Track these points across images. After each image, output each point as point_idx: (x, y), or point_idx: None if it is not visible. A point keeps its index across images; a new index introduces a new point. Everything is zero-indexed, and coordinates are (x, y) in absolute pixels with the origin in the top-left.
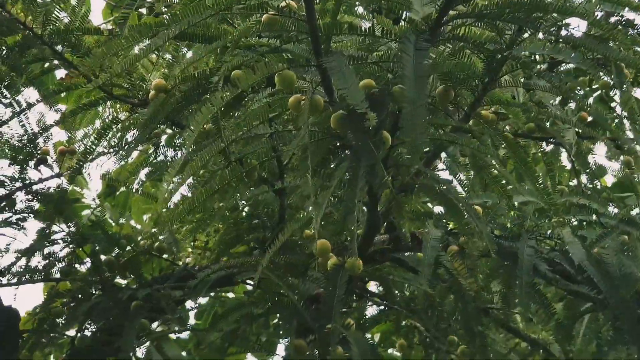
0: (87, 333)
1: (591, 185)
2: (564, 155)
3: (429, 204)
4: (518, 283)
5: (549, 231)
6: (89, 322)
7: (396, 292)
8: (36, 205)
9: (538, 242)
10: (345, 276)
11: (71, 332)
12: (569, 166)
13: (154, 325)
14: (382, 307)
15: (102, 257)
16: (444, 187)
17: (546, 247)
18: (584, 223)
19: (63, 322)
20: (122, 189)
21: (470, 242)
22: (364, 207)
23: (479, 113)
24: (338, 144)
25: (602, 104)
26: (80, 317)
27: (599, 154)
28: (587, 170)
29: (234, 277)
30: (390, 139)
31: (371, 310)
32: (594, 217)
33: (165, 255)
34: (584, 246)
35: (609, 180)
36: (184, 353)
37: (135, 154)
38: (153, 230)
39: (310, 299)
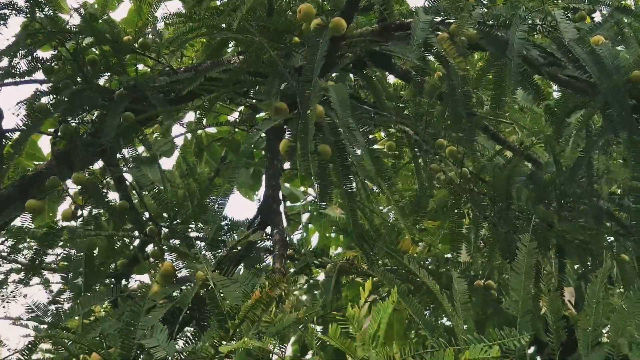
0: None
1: None
2: None
3: None
4: (508, 65)
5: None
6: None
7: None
8: None
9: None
10: (328, 35)
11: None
12: None
13: None
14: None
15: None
16: None
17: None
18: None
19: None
20: None
21: (460, 25)
22: None
23: None
24: None
25: None
26: (63, 104)
27: None
28: None
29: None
30: None
31: None
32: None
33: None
34: (576, 27)
35: None
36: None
37: None
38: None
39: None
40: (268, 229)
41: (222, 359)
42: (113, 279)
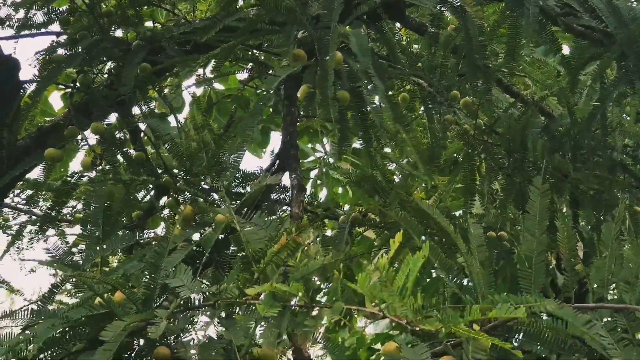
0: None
1: None
2: None
3: None
4: (525, 15)
5: None
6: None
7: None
8: None
9: None
10: None
11: None
12: None
13: None
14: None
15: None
16: None
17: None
18: None
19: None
20: None
21: None
22: None
23: None
24: None
25: None
26: (80, 56)
27: None
28: None
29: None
30: None
31: None
32: None
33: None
34: None
35: None
36: None
37: None
38: None
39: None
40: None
41: (246, 302)
42: (128, 231)
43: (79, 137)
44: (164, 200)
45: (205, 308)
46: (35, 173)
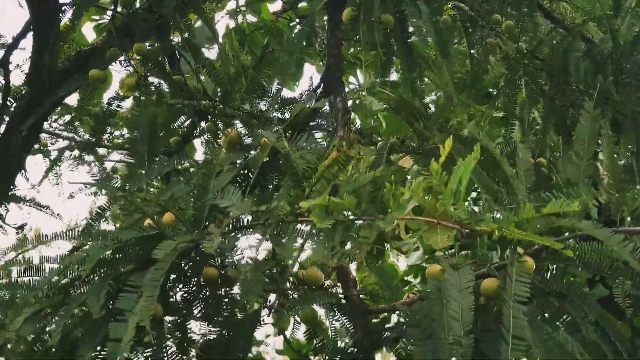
0: None
1: None
2: None
3: None
4: None
5: None
6: None
7: None
8: None
9: None
10: None
11: None
12: None
13: None
14: None
15: None
16: None
17: None
18: None
19: None
20: None
21: None
22: None
23: None
24: None
25: None
26: None
27: None
28: None
29: None
30: None
31: None
32: None
33: None
34: None
35: None
36: None
37: None
38: None
39: None
40: None
41: (298, 218)
42: (166, 157)
43: (121, 58)
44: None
45: (256, 227)
46: (72, 100)
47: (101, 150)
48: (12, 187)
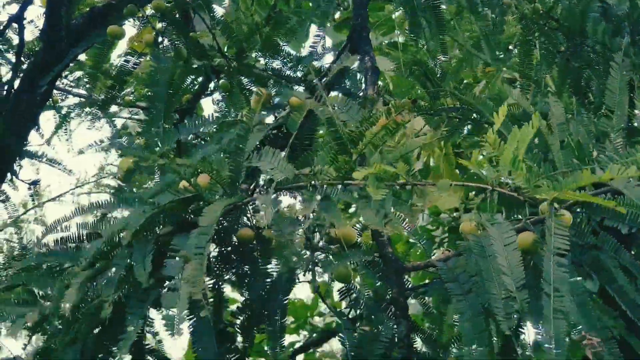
0: None
1: None
2: None
3: None
4: None
5: None
6: None
7: None
8: None
9: None
10: None
11: None
12: None
13: None
14: None
15: None
16: None
17: None
18: None
19: None
20: None
21: None
22: None
23: None
24: None
25: None
26: None
27: None
28: None
29: None
30: None
31: None
32: None
33: None
34: None
35: None
36: None
37: None
38: None
39: None
40: None
41: (343, 182)
42: (177, 115)
43: (139, 14)
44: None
45: (298, 190)
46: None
47: (113, 108)
48: (25, 143)
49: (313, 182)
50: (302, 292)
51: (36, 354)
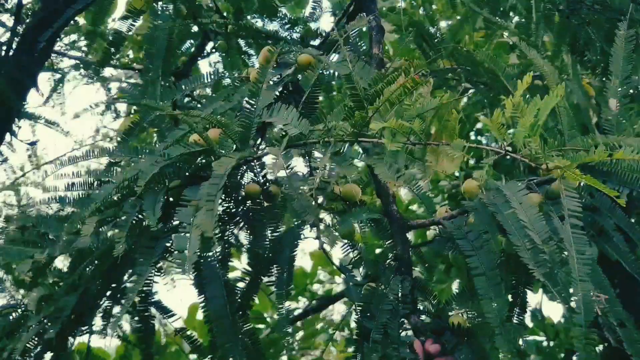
0: None
1: None
2: None
3: None
4: None
5: None
6: None
7: None
8: None
9: None
10: None
11: None
12: None
13: None
14: None
15: None
16: None
17: None
18: None
19: None
20: None
21: None
22: None
23: None
24: None
25: None
26: None
27: None
28: None
29: None
30: None
31: None
32: None
33: None
34: None
35: None
36: None
37: None
38: None
39: None
40: None
41: (357, 139)
42: (173, 77)
43: None
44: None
45: (310, 146)
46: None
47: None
48: (24, 103)
49: (326, 138)
50: (301, 261)
51: (39, 300)
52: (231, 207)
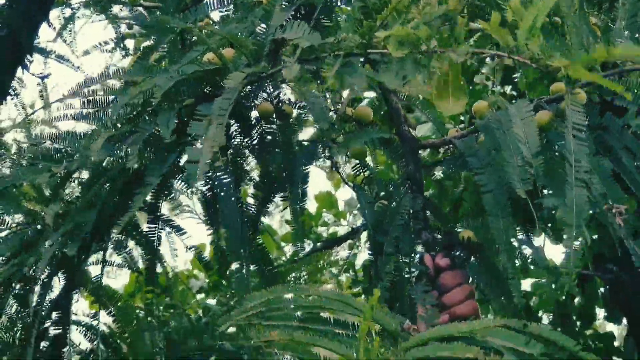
0: None
1: None
2: None
3: None
4: None
5: None
6: None
7: None
8: None
9: None
10: None
11: None
12: None
13: None
14: None
15: None
16: None
17: None
18: None
19: None
20: None
21: None
22: None
23: None
24: None
25: None
26: None
27: None
28: None
29: None
30: None
31: None
32: None
33: None
34: None
35: None
36: None
37: None
38: None
39: None
40: None
41: (366, 51)
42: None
43: None
44: None
45: (322, 59)
46: None
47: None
48: (36, 37)
49: (336, 51)
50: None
51: (56, 216)
52: (245, 125)
